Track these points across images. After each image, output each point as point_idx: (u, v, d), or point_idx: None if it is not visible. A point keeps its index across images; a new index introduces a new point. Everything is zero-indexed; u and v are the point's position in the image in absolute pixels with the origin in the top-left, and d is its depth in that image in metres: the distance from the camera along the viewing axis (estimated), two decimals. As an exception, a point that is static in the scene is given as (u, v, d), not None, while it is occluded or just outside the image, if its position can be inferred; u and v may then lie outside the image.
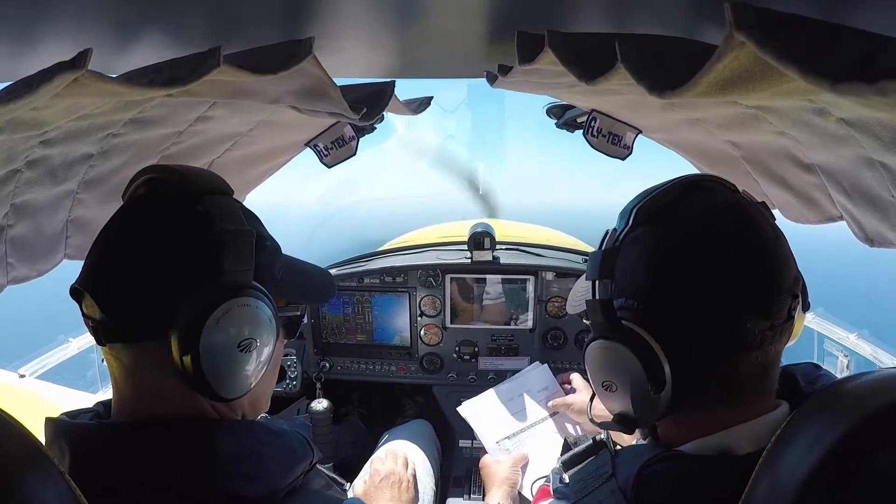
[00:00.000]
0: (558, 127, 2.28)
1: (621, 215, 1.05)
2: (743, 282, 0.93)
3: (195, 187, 1.02)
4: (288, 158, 2.03)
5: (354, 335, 2.99)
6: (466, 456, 2.60)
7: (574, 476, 1.13)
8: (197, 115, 1.35)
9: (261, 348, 1.04)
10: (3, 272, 1.26)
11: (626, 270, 1.01)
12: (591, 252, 1.08)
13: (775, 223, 1.01)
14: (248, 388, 1.04)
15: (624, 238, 1.03)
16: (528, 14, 1.08)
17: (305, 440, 1.06)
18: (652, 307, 0.98)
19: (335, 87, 1.12)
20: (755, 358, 0.94)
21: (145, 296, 0.96)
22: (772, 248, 0.96)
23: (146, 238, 0.98)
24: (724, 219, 0.98)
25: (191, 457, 0.93)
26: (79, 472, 0.87)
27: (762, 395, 0.98)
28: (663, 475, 0.94)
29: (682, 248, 0.97)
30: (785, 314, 0.94)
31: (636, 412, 1.02)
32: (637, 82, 0.75)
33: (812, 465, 0.72)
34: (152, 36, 1.06)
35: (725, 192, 1.04)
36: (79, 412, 1.05)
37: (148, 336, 0.96)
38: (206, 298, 0.95)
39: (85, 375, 3.14)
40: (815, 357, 3.19)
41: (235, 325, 0.98)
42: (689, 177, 1.06)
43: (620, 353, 0.98)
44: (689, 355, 0.94)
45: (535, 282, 2.82)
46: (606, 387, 1.05)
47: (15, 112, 0.73)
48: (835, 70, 0.52)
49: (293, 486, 0.98)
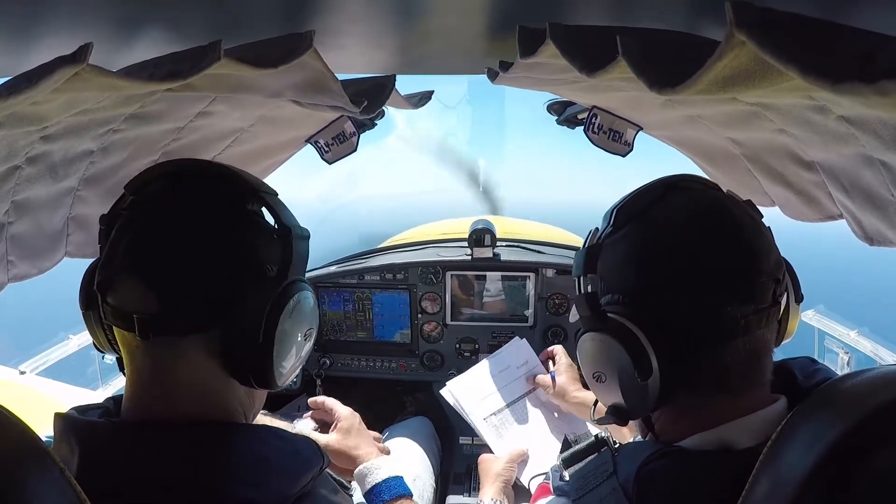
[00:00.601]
0: (559, 123, 2.28)
1: (605, 216, 1.10)
2: (721, 268, 0.96)
3: (250, 184, 1.05)
4: (289, 155, 2.02)
5: (355, 332, 2.99)
6: (467, 453, 2.60)
7: (574, 474, 1.13)
8: (197, 110, 1.35)
9: (311, 336, 1.13)
10: (4, 270, 1.26)
11: (610, 267, 1.06)
12: (577, 251, 1.12)
13: (755, 214, 1.05)
14: (293, 375, 1.11)
15: (607, 236, 1.07)
16: (528, 10, 1.08)
17: (315, 446, 1.06)
18: (636, 299, 1.02)
19: (336, 81, 1.12)
20: (741, 345, 0.96)
21: (210, 288, 0.97)
22: (749, 235, 0.99)
23: (211, 232, 0.98)
24: (702, 212, 1.02)
25: (202, 460, 0.92)
26: (88, 471, 0.88)
27: (754, 385, 0.99)
28: (664, 471, 0.95)
29: (661, 240, 1.01)
30: (769, 298, 0.97)
31: (627, 402, 1.04)
32: (637, 77, 0.76)
33: (812, 462, 0.72)
34: (153, 30, 1.06)
35: (704, 190, 1.08)
36: (88, 407, 1.05)
37: (204, 328, 0.97)
38: (279, 290, 1.00)
39: (85, 372, 3.15)
40: (816, 354, 3.20)
41: (302, 316, 1.06)
42: (669, 177, 1.10)
43: (608, 343, 1.01)
44: (673, 343, 0.96)
45: (535, 279, 2.82)
46: (597, 378, 1.08)
47: (15, 107, 0.72)
48: (835, 70, 0.52)
49: (303, 491, 0.99)
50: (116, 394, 1.12)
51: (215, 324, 0.97)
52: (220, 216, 1.00)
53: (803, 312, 3.21)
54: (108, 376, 3.10)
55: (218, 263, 0.97)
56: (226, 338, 0.97)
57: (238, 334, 0.97)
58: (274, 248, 1.03)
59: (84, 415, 1.00)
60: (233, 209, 1.02)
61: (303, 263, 1.08)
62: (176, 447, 0.93)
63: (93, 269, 1.08)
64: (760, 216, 1.06)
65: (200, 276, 0.96)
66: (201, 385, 0.99)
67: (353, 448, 1.68)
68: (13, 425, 0.71)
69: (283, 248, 1.03)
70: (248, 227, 1.02)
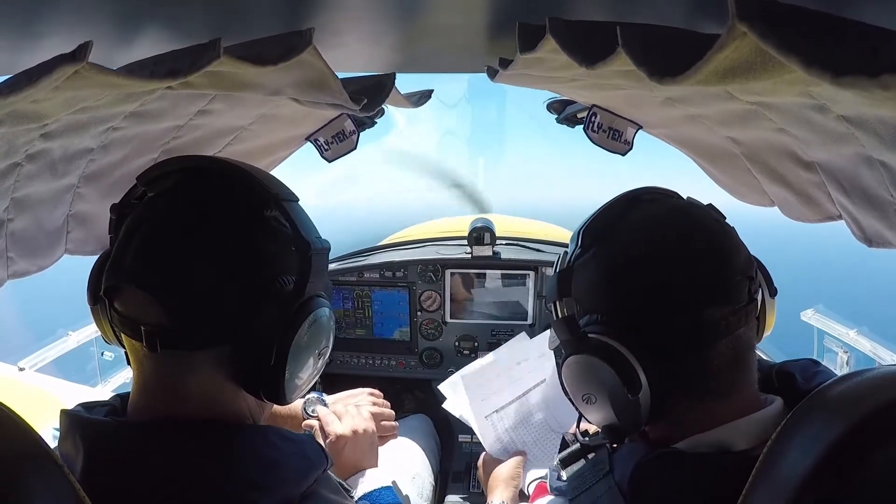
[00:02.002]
0: (559, 122, 2.28)
1: (572, 238, 1.11)
2: (694, 274, 0.96)
3: (270, 190, 1.02)
4: (289, 153, 2.02)
5: (354, 330, 3.00)
6: (466, 451, 2.61)
7: (572, 474, 1.14)
8: (197, 108, 1.34)
9: (326, 352, 1.10)
10: (4, 266, 1.26)
11: (585, 288, 1.06)
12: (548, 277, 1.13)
13: (721, 217, 1.07)
14: (306, 389, 1.09)
15: (576, 258, 1.07)
16: (529, 7, 1.08)
17: (319, 447, 1.05)
18: (614, 317, 1.02)
19: (336, 79, 1.12)
20: (725, 346, 0.96)
21: (222, 303, 0.95)
22: (717, 237, 1.00)
23: (226, 241, 0.96)
24: (668, 222, 1.03)
25: (210, 462, 0.92)
26: (93, 470, 0.87)
27: (743, 384, 1.00)
28: (660, 471, 0.95)
29: (631, 256, 1.01)
30: (745, 297, 0.98)
31: (620, 420, 1.04)
32: (637, 67, 0.75)
33: (811, 464, 0.72)
34: (153, 28, 1.06)
35: (667, 200, 1.10)
36: (94, 405, 1.03)
37: (215, 343, 0.95)
38: (294, 307, 0.98)
39: (85, 369, 3.15)
40: (815, 353, 3.20)
41: (318, 335, 1.04)
42: (630, 192, 1.12)
43: (593, 364, 1.00)
44: (658, 354, 0.96)
45: (534, 277, 2.82)
46: (586, 400, 1.07)
47: (15, 105, 0.72)
48: (837, 63, 0.52)
49: (306, 493, 0.98)
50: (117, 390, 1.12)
51: (226, 339, 0.95)
52: (237, 225, 0.98)
53: (802, 312, 3.22)
54: (108, 373, 3.09)
55: (231, 277, 0.95)
56: (237, 354, 0.96)
57: (250, 352, 0.96)
58: (291, 260, 1.01)
59: (90, 413, 0.99)
60: (250, 217, 0.99)
61: (321, 277, 1.05)
62: (183, 448, 0.92)
63: (101, 263, 1.04)
64: (723, 217, 1.07)
65: (212, 290, 0.94)
66: (209, 393, 0.98)
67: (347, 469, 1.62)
68: (13, 424, 0.71)
69: (301, 260, 1.00)
70: (265, 237, 1.00)
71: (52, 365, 2.97)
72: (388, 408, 1.92)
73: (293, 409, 1.81)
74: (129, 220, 0.98)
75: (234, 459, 0.93)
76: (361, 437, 1.64)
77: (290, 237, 1.01)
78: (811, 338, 3.26)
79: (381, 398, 1.95)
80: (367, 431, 1.66)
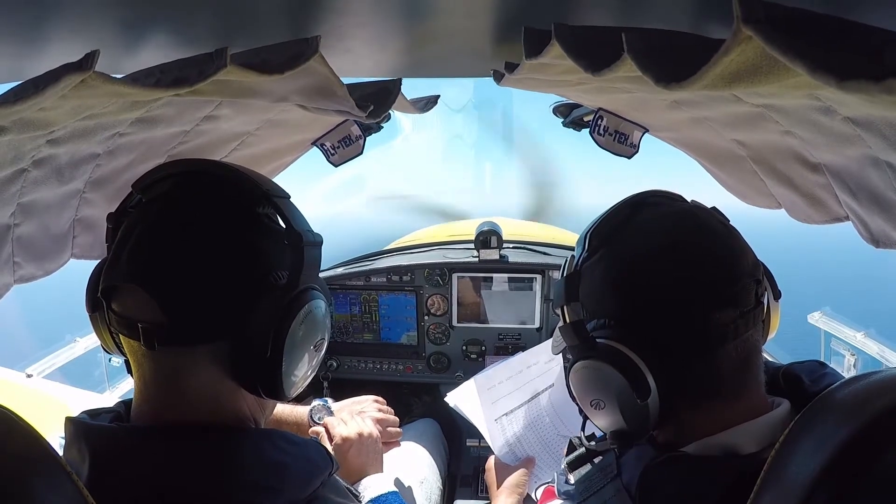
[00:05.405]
0: (565, 125, 2.28)
1: (578, 242, 1.11)
2: (702, 277, 0.96)
3: (261, 188, 1.03)
4: (294, 158, 2.03)
5: (361, 334, 2.99)
6: (474, 455, 2.59)
7: (579, 477, 1.13)
8: (204, 114, 1.35)
9: (322, 346, 1.10)
10: (10, 271, 1.26)
11: (591, 293, 1.05)
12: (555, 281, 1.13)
13: (726, 220, 1.06)
14: (304, 385, 1.08)
15: (583, 262, 1.07)
16: (534, 12, 1.08)
17: (325, 451, 1.06)
18: (622, 322, 1.01)
19: (342, 86, 1.12)
20: (733, 349, 0.96)
21: (217, 298, 0.96)
22: (723, 241, 1.00)
23: (220, 238, 0.98)
24: (673, 226, 1.03)
25: (213, 466, 0.92)
26: (99, 476, 0.88)
27: (750, 388, 1.00)
28: (669, 474, 0.95)
29: (638, 260, 1.01)
30: (752, 300, 0.98)
31: (629, 425, 1.03)
32: (643, 73, 0.75)
33: (820, 466, 0.71)
34: (159, 36, 1.06)
35: (671, 203, 1.10)
36: (99, 411, 1.04)
37: (211, 338, 0.96)
38: (288, 299, 0.99)
39: (92, 375, 3.15)
40: (822, 356, 3.18)
41: (313, 326, 1.03)
42: (635, 195, 1.12)
43: (601, 369, 0.99)
44: (667, 358, 0.96)
45: (542, 280, 2.81)
46: (595, 405, 1.06)
47: (22, 112, 0.73)
48: (842, 67, 0.51)
49: (312, 496, 0.98)
50: (124, 397, 1.12)
51: (223, 334, 0.96)
52: (229, 222, 0.99)
53: (809, 315, 3.21)
54: (115, 379, 3.10)
55: (226, 273, 0.96)
56: (234, 349, 0.97)
57: (246, 346, 0.96)
58: (284, 254, 1.01)
59: (95, 419, 1.00)
60: (242, 214, 1.01)
61: (314, 269, 1.06)
62: (188, 453, 0.93)
63: (99, 270, 1.06)
64: (728, 220, 1.07)
65: (207, 287, 0.95)
66: (209, 393, 0.99)
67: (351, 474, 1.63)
68: (22, 430, 0.71)
69: (294, 254, 1.01)
70: (257, 234, 1.01)
71: (60, 371, 2.98)
72: (393, 414, 1.92)
73: (300, 417, 1.82)
74: (125, 226, 1.00)
75: (239, 462, 0.94)
76: (366, 440, 1.66)
77: (282, 232, 1.02)
78: (818, 340, 3.25)
79: (385, 405, 1.95)
80: (372, 435, 1.69)
